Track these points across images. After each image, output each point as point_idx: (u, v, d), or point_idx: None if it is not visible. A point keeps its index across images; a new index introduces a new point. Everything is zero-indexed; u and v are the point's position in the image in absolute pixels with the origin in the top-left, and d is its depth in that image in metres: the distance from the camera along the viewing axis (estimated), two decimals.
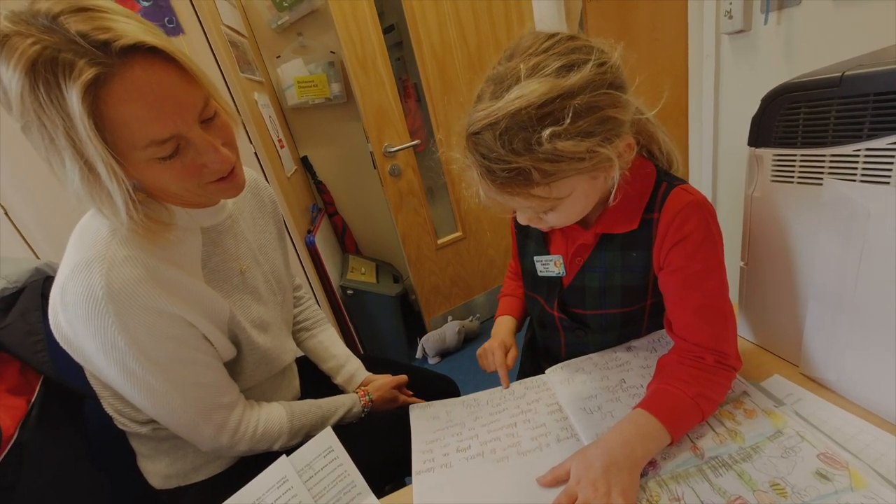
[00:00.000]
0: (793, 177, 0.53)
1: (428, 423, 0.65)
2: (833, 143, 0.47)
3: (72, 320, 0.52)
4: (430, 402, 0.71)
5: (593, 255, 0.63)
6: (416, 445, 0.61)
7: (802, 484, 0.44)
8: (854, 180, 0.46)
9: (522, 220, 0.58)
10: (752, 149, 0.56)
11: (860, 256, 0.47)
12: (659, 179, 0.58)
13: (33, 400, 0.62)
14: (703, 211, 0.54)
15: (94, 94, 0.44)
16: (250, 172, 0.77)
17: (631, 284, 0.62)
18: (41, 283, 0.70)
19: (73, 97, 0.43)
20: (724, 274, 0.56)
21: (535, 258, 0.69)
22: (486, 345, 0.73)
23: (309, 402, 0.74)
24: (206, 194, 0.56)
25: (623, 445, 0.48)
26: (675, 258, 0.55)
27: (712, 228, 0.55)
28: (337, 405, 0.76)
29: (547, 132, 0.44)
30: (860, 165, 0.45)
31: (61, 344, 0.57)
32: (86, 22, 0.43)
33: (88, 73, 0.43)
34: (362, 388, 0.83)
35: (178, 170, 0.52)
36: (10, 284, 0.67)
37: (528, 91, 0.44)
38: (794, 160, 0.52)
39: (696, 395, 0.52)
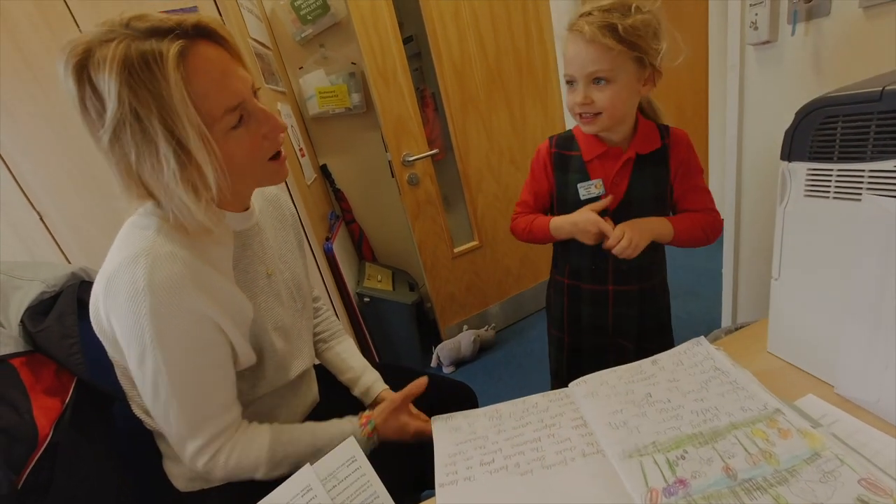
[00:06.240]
0: (828, 192, 0.51)
1: (450, 435, 0.65)
2: (873, 158, 0.46)
3: (110, 307, 0.55)
4: (451, 414, 0.70)
5: (633, 174, 0.88)
6: (439, 458, 0.61)
7: None
8: (895, 196, 0.45)
9: (577, 97, 0.81)
10: (786, 163, 0.56)
11: None
12: (656, 122, 0.91)
13: (67, 401, 0.64)
14: (688, 137, 0.91)
15: (183, 66, 0.50)
16: (273, 189, 0.81)
17: (659, 191, 0.90)
18: (77, 287, 0.73)
19: (169, 69, 0.49)
20: None
21: (579, 185, 0.89)
22: (580, 219, 0.88)
23: (304, 429, 0.70)
24: (263, 173, 0.63)
25: (648, 222, 0.86)
26: (683, 162, 0.90)
27: (693, 145, 0.91)
28: (332, 436, 0.69)
29: (635, 4, 0.76)
30: None
31: (97, 333, 0.59)
32: (151, 21, 0.51)
33: (175, 47, 0.49)
34: (370, 410, 0.77)
35: (246, 141, 0.58)
36: (48, 289, 0.69)
37: None
38: (830, 175, 0.51)
39: (696, 218, 0.91)
